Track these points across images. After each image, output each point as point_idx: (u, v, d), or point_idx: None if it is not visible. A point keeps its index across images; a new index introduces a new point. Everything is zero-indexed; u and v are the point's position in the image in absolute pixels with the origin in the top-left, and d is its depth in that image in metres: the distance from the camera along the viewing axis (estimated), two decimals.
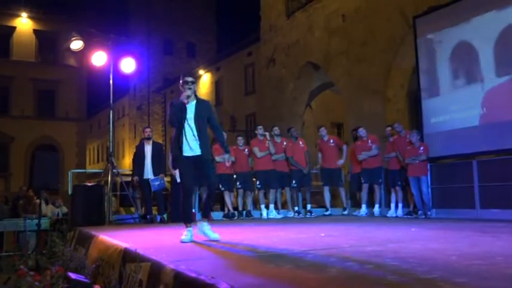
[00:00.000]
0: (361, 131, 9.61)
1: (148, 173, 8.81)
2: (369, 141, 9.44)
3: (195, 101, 4.98)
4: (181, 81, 4.97)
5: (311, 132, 10.22)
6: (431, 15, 9.48)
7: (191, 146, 4.87)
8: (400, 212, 9.14)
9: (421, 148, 8.93)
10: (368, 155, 9.40)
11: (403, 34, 12.62)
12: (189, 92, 4.88)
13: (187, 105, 4.90)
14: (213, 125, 5.09)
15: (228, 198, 9.58)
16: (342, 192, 10.01)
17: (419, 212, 8.77)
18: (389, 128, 9.51)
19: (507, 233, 5.19)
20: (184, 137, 4.86)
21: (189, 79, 4.96)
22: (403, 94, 13.58)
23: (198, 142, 4.87)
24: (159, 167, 8.90)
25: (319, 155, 9.99)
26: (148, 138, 9.00)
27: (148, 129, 9.17)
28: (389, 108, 13.47)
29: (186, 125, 4.87)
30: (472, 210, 8.23)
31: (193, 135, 4.87)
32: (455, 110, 8.76)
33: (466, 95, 8.58)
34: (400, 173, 9.14)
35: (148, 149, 8.88)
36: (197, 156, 4.91)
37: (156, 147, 9.00)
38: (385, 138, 9.53)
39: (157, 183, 8.64)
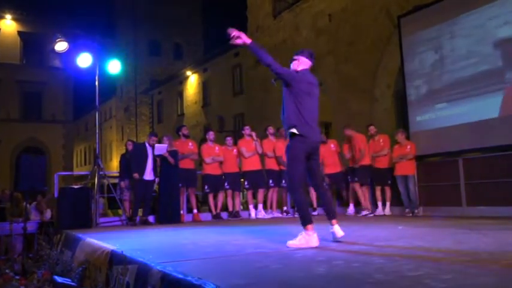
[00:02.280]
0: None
1: (148, 174, 8.80)
2: (380, 140, 9.45)
3: None
4: None
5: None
6: (416, 14, 9.56)
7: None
8: (388, 210, 9.18)
9: (408, 147, 9.00)
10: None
11: (389, 34, 12.71)
12: None
13: None
14: None
15: (211, 200, 9.57)
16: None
17: (406, 210, 8.85)
18: (372, 127, 9.58)
19: (493, 229, 5.24)
20: None
21: None
22: (389, 93, 13.67)
23: None
24: (157, 170, 8.98)
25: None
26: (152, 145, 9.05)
27: (155, 138, 9.10)
28: (377, 107, 13.55)
29: None
30: (459, 208, 8.31)
31: None
32: (440, 108, 8.85)
33: (451, 93, 8.66)
34: (389, 171, 9.19)
35: (150, 151, 8.87)
36: None
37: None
38: (371, 136, 9.57)
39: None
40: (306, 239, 4.14)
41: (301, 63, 4.77)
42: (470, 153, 8.43)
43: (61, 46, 9.32)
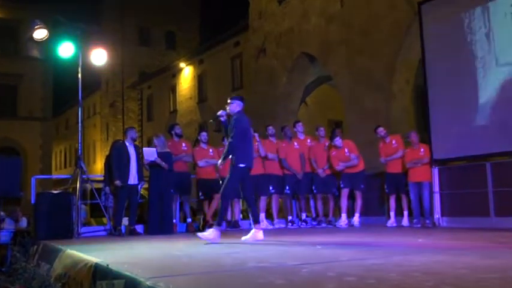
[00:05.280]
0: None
1: (133, 178, 8.81)
2: (393, 142, 9.46)
3: None
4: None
5: (306, 131, 10.25)
6: (438, 0, 9.54)
7: None
8: (405, 221, 9.20)
9: (422, 150, 9.01)
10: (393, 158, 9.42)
11: (409, 22, 12.70)
12: None
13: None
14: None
15: (207, 207, 9.57)
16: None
17: (415, 220, 8.93)
18: (380, 128, 9.59)
19: None
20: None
21: None
22: (409, 89, 13.67)
23: None
24: (142, 173, 8.99)
25: (313, 160, 9.89)
26: (134, 140, 9.06)
27: (134, 131, 9.21)
28: (394, 105, 13.55)
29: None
30: (486, 219, 8.28)
31: None
32: (466, 106, 8.82)
33: (479, 89, 8.64)
34: (404, 176, 9.20)
35: (132, 151, 8.88)
36: None
37: (139, 151, 9.04)
38: (382, 138, 9.59)
39: (153, 157, 8.67)
40: (215, 233, 6.16)
41: (237, 106, 6.60)
42: (499, 156, 8.41)
43: (40, 34, 9.33)
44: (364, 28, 14.35)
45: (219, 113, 6.59)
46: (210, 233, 6.17)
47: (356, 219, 9.52)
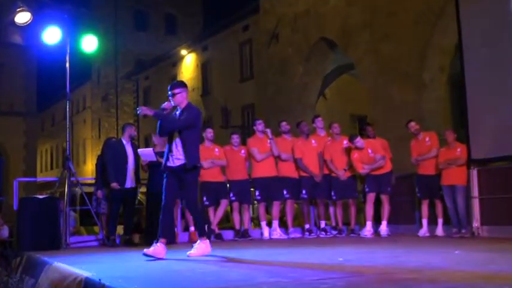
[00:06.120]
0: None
1: (130, 180, 8.84)
2: (426, 139, 9.42)
3: None
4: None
5: (325, 127, 10.22)
6: None
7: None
8: (440, 230, 9.16)
9: (458, 150, 8.95)
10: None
11: (443, 2, 12.63)
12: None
13: None
14: None
15: (212, 215, 9.58)
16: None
17: (453, 230, 8.88)
18: (412, 123, 9.52)
19: None
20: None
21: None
22: (443, 79, 13.58)
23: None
24: (139, 175, 9.05)
25: (329, 161, 9.84)
26: (132, 139, 9.10)
27: (133, 129, 9.24)
28: (426, 96, 13.47)
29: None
30: None
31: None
32: (510, 98, 8.74)
33: None
34: (437, 179, 9.16)
35: (130, 150, 8.91)
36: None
37: (137, 151, 9.08)
38: (413, 135, 9.54)
39: (152, 158, 8.72)
40: (203, 247, 6.09)
41: (186, 95, 6.26)
42: None
43: (22, 18, 9.37)
44: (390, 9, 14.28)
45: (164, 105, 6.26)
46: (155, 248, 5.95)
47: (383, 227, 9.48)
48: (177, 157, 6.17)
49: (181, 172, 6.16)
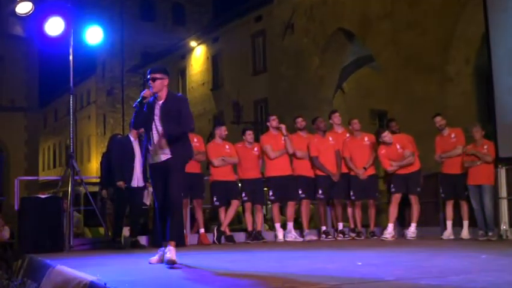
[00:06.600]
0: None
1: (137, 180, 8.86)
2: (452, 135, 9.38)
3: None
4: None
5: (344, 124, 10.19)
6: None
7: None
8: (465, 233, 9.11)
9: (485, 147, 8.90)
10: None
11: None
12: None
13: None
14: None
15: (223, 216, 9.59)
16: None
17: (480, 233, 8.82)
18: (438, 118, 9.45)
19: None
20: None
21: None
22: (468, 71, 13.52)
23: None
24: (146, 174, 9.06)
25: (348, 159, 9.82)
26: (140, 136, 9.12)
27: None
28: (451, 90, 13.42)
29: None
30: None
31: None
32: None
33: None
34: (463, 178, 9.11)
35: (137, 148, 8.94)
36: None
37: None
38: (438, 130, 9.49)
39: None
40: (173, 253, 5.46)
41: (166, 84, 5.86)
42: None
43: (24, 8, 9.41)
44: None
45: (144, 93, 5.82)
46: (171, 253, 5.46)
47: (412, 229, 9.39)
48: (163, 151, 5.75)
49: (167, 167, 5.71)
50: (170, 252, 5.44)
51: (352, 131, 9.98)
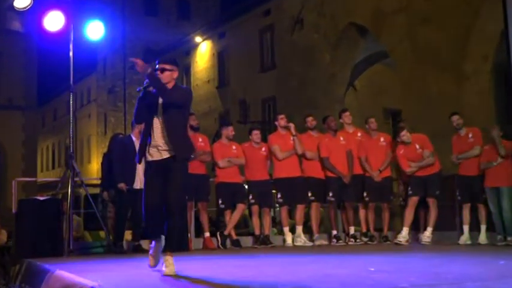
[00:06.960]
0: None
1: (139, 181, 8.87)
2: (469, 135, 9.38)
3: None
4: None
5: (355, 123, 10.16)
6: None
7: None
8: (483, 237, 9.09)
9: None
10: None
11: None
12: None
13: None
14: None
15: (229, 219, 9.59)
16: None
17: (498, 237, 8.80)
18: (456, 116, 9.43)
19: None
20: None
21: None
22: (486, 69, 13.50)
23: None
24: None
25: (364, 159, 9.82)
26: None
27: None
28: (468, 88, 13.40)
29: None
30: None
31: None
32: None
33: None
34: (480, 181, 9.09)
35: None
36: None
37: None
38: (455, 130, 9.48)
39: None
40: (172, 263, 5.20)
41: (175, 77, 5.68)
42: None
43: (22, 2, 9.45)
44: None
45: (146, 83, 5.63)
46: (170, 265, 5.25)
47: (428, 234, 9.37)
48: (164, 148, 5.48)
49: (169, 165, 5.43)
50: (168, 265, 5.18)
51: (369, 130, 9.98)
